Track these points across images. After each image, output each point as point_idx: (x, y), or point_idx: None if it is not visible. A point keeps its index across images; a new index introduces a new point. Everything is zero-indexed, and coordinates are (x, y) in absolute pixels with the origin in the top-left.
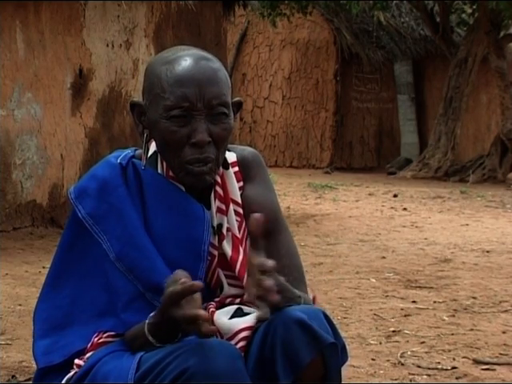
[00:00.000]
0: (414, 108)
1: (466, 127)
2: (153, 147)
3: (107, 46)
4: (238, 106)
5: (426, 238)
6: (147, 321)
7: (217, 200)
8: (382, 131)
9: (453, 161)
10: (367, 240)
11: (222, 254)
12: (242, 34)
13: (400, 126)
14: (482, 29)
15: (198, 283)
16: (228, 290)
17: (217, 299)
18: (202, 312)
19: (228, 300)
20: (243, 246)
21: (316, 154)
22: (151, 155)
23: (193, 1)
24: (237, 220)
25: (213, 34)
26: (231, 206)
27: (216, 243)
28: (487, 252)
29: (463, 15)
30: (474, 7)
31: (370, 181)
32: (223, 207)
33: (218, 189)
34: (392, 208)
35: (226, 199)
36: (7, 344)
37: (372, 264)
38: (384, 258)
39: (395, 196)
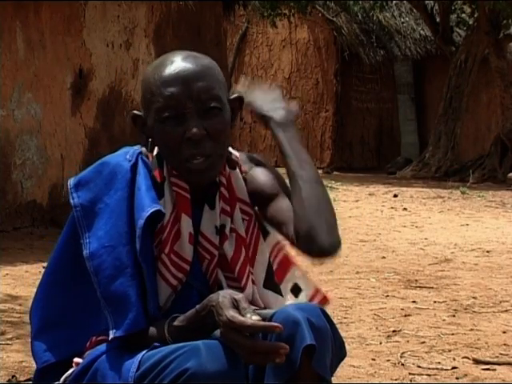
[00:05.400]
0: (414, 108)
1: (466, 127)
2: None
3: (107, 46)
4: (239, 101)
5: (426, 238)
6: (169, 322)
7: (221, 201)
8: (382, 131)
9: (453, 161)
10: (367, 240)
11: (223, 255)
12: (242, 34)
13: (400, 125)
14: (481, 29)
15: (281, 328)
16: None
17: None
18: (284, 345)
19: None
20: (251, 245)
21: (316, 154)
22: (156, 155)
23: (193, 1)
24: (244, 219)
25: (213, 34)
26: (237, 207)
27: (217, 243)
28: (487, 252)
29: (463, 15)
30: (474, 7)
31: (370, 181)
32: (228, 208)
33: (223, 190)
34: (392, 208)
35: (231, 200)
36: (7, 344)
37: (372, 264)
38: (384, 258)
39: (395, 196)
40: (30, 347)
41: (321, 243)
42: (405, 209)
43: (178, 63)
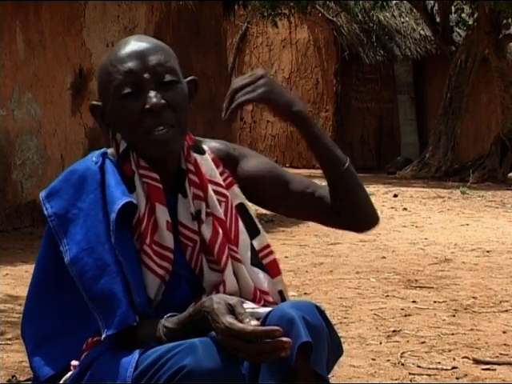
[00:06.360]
0: (414, 108)
1: (466, 127)
2: (124, 143)
3: (107, 46)
4: (193, 84)
5: (426, 238)
6: (163, 323)
7: (192, 187)
8: (382, 131)
9: (453, 161)
10: (367, 240)
11: (203, 240)
12: (242, 34)
13: (400, 125)
14: (482, 29)
15: (280, 331)
16: (209, 275)
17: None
18: (287, 339)
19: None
20: (232, 225)
21: None
22: (123, 150)
23: (193, 1)
24: (220, 200)
25: (213, 34)
26: (210, 189)
27: (196, 229)
28: (487, 252)
29: (463, 15)
30: (474, 7)
31: (370, 181)
32: (200, 193)
33: (192, 176)
34: (392, 208)
35: (202, 185)
36: (7, 344)
37: (372, 264)
38: (384, 257)
39: (395, 196)
40: (29, 362)
41: (370, 219)
42: (405, 209)
43: (131, 43)
